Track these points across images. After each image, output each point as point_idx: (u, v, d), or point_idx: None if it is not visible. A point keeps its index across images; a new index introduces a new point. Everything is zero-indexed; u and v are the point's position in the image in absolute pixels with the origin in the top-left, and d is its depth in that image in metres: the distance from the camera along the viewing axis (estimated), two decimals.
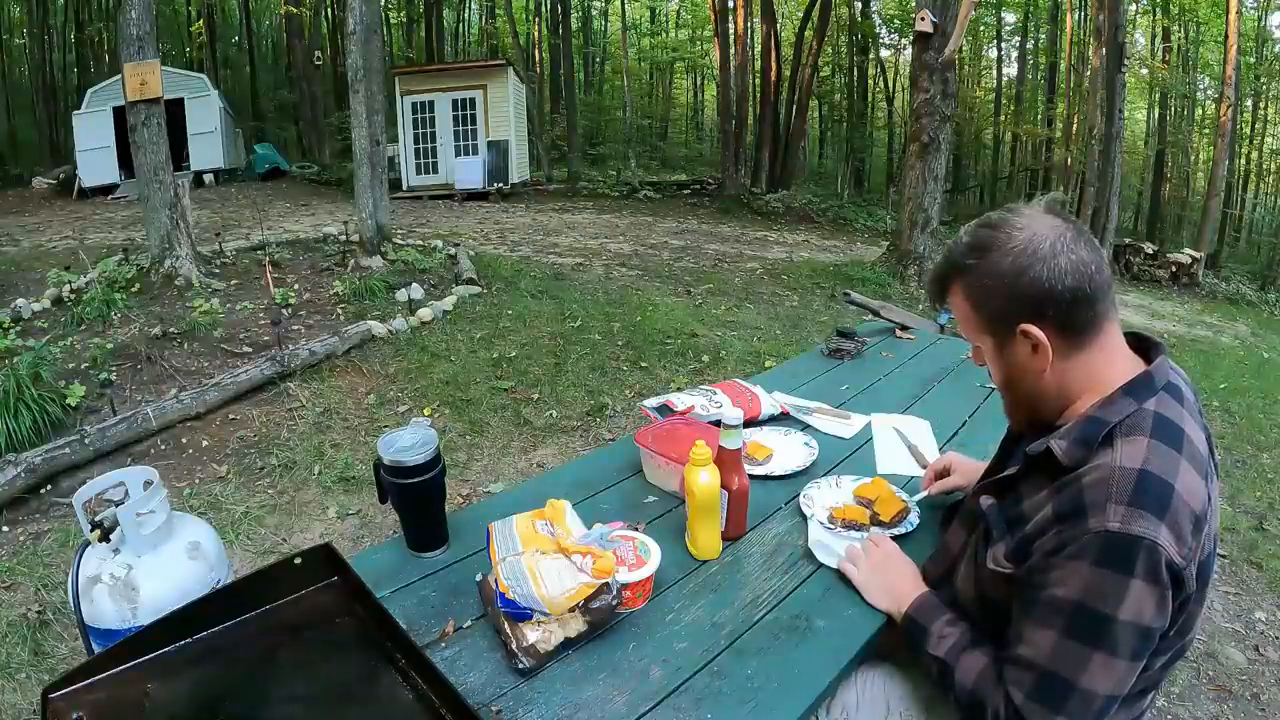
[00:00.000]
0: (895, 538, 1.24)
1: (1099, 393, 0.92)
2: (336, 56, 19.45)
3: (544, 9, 25.06)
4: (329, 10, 20.89)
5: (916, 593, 1.07)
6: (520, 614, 0.96)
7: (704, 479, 1.15)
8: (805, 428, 1.70)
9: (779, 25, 19.45)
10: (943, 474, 1.37)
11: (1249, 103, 20.27)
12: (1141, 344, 0.98)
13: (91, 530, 1.10)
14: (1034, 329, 0.90)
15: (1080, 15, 18.68)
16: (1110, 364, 0.93)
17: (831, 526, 1.27)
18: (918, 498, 1.37)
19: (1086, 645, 0.82)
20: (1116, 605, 0.80)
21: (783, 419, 1.77)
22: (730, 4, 16.66)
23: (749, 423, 1.70)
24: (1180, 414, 0.89)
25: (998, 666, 0.92)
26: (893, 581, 1.10)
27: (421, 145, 14.03)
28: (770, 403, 1.77)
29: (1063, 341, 0.91)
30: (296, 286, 5.62)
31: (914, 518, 1.31)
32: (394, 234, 7.38)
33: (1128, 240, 12.73)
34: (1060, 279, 0.88)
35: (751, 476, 1.32)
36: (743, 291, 7.04)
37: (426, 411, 3.85)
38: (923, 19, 7.40)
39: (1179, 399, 0.91)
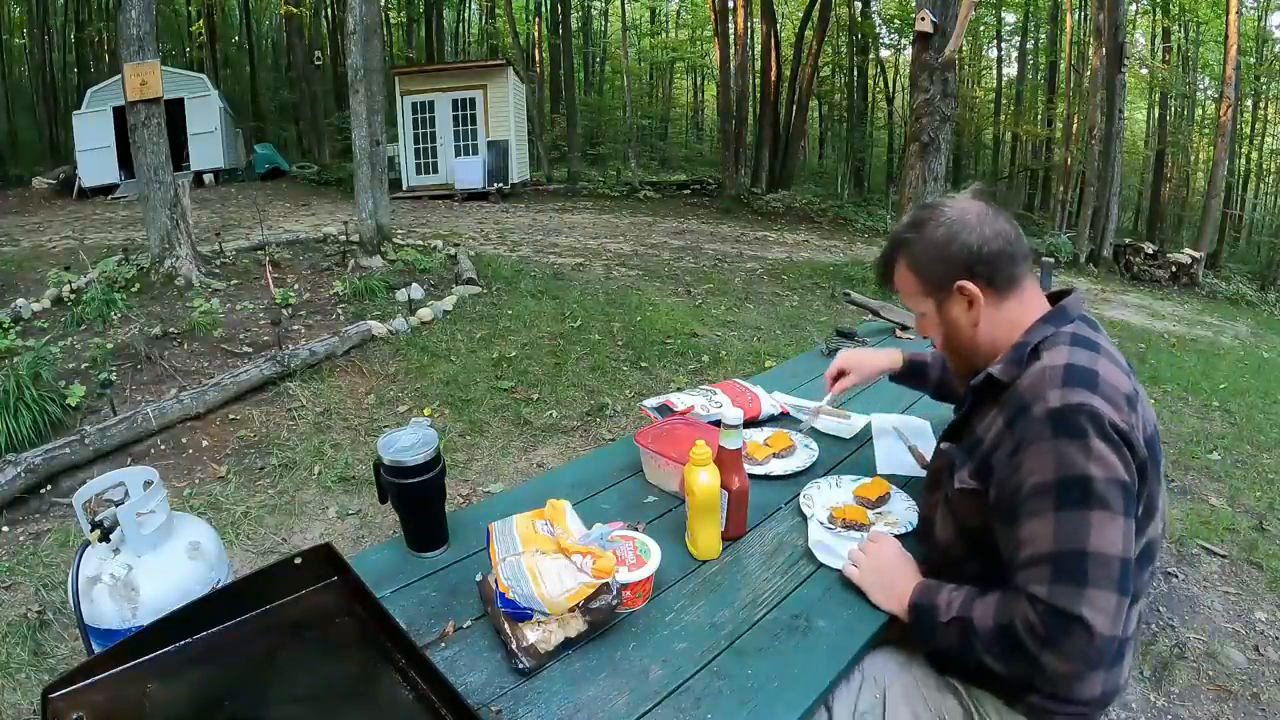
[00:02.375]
0: (897, 537, 1.24)
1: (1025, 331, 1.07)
2: (336, 56, 19.47)
3: (544, 9, 25.08)
4: (329, 10, 20.89)
5: (916, 584, 1.08)
6: (520, 614, 0.97)
7: (704, 479, 1.15)
8: (811, 430, 1.70)
9: (779, 25, 19.45)
10: (838, 377, 1.60)
11: (1249, 103, 20.25)
12: (1058, 296, 1.13)
13: (91, 530, 1.10)
14: (969, 284, 1.07)
15: (1080, 15, 18.67)
16: (1029, 314, 1.09)
17: (831, 526, 1.27)
18: (823, 401, 1.62)
19: (1080, 509, 0.88)
20: (1087, 464, 0.88)
21: (782, 419, 1.77)
22: (730, 4, 16.65)
23: (749, 423, 1.70)
24: (1095, 335, 1.04)
25: (1009, 590, 0.93)
26: (893, 581, 1.10)
27: (421, 145, 14.02)
28: (770, 403, 1.77)
29: (991, 295, 1.07)
30: (296, 286, 5.62)
31: (913, 516, 1.31)
32: (394, 234, 7.39)
33: (1128, 240, 12.71)
34: (986, 243, 1.06)
35: (751, 476, 1.32)
36: (743, 291, 7.04)
37: (426, 411, 3.85)
38: (923, 19, 7.40)
39: (1093, 327, 1.06)
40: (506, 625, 0.97)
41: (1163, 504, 1.03)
